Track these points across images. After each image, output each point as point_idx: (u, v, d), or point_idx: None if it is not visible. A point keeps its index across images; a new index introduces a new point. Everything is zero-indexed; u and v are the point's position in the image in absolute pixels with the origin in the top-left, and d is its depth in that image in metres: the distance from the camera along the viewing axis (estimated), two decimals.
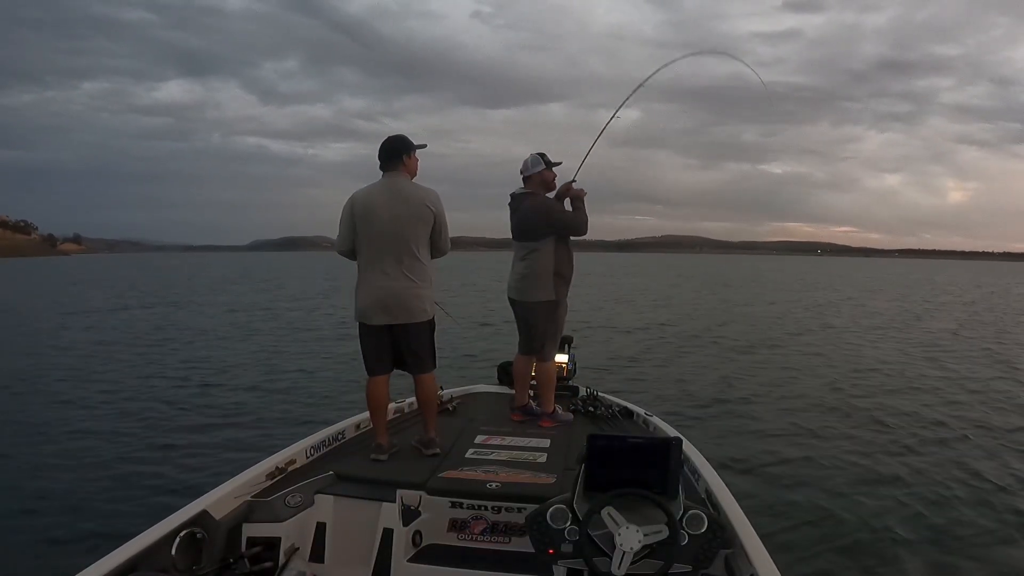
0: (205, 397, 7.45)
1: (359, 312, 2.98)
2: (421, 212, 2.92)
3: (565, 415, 3.60)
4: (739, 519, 2.13)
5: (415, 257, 2.92)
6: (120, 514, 4.00)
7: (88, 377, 8.90)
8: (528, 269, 3.53)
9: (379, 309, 2.91)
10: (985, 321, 15.97)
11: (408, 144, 3.02)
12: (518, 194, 3.64)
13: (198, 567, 2.10)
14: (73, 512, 4.12)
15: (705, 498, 2.44)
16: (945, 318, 16.42)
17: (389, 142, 3.00)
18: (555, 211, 3.56)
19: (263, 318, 16.29)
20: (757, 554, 1.90)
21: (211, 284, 33.91)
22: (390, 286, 2.89)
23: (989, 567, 3.27)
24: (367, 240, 2.93)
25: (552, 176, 3.62)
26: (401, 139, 3.03)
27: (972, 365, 9.37)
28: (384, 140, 3.02)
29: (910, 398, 7.07)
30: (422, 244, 2.95)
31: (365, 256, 2.95)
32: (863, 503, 4.04)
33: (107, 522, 3.90)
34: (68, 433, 6.10)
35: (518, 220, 3.59)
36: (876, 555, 3.39)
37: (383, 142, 3.01)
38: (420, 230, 2.93)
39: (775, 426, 5.82)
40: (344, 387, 7.66)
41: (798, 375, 8.33)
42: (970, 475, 4.53)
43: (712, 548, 1.85)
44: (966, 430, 5.74)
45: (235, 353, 10.68)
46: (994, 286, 36.84)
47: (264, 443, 5.01)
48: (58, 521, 3.98)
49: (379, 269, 2.91)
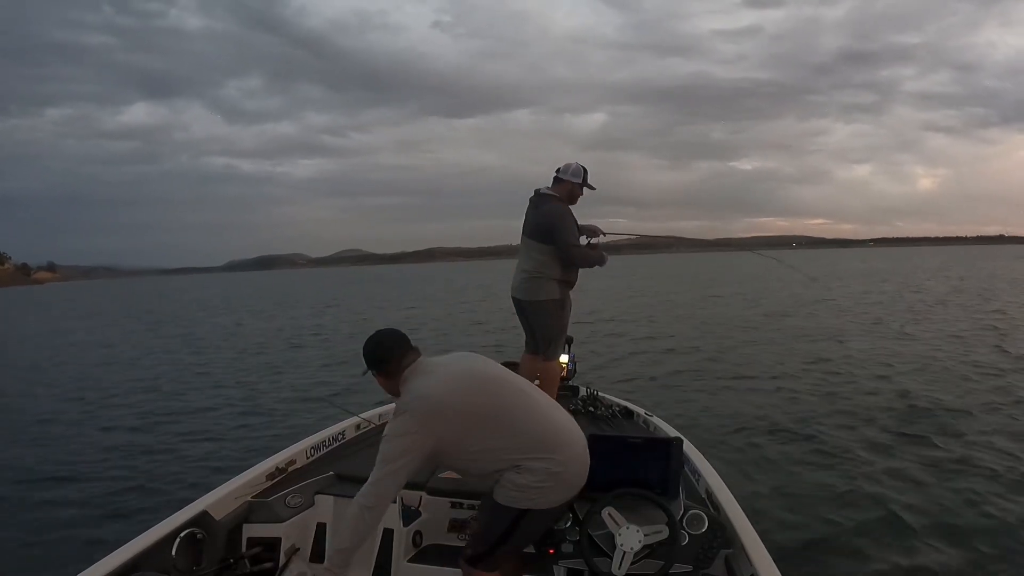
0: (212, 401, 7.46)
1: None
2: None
3: None
4: (739, 519, 2.12)
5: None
6: (120, 514, 4.01)
7: (94, 386, 8.92)
8: (533, 270, 3.49)
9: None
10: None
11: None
12: (544, 193, 3.51)
13: (198, 567, 2.10)
14: (73, 512, 4.13)
15: (705, 498, 2.43)
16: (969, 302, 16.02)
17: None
18: (564, 228, 3.41)
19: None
20: (757, 554, 1.90)
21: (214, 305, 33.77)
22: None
23: (993, 566, 3.27)
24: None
25: (579, 194, 3.52)
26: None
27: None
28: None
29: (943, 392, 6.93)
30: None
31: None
32: (864, 502, 4.03)
33: (107, 522, 3.90)
34: (68, 433, 6.11)
35: (535, 218, 3.49)
36: (876, 555, 3.39)
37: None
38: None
39: (775, 426, 5.81)
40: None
41: (856, 379, 8.10)
42: (984, 472, 4.47)
43: (712, 548, 1.85)
44: (983, 423, 5.68)
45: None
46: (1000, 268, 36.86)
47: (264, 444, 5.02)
48: (59, 522, 3.98)
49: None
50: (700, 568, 1.83)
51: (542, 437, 1.79)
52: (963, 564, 3.29)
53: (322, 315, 21.45)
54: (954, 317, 13.53)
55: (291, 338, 14.47)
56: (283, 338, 14.54)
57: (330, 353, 11.39)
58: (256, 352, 12.12)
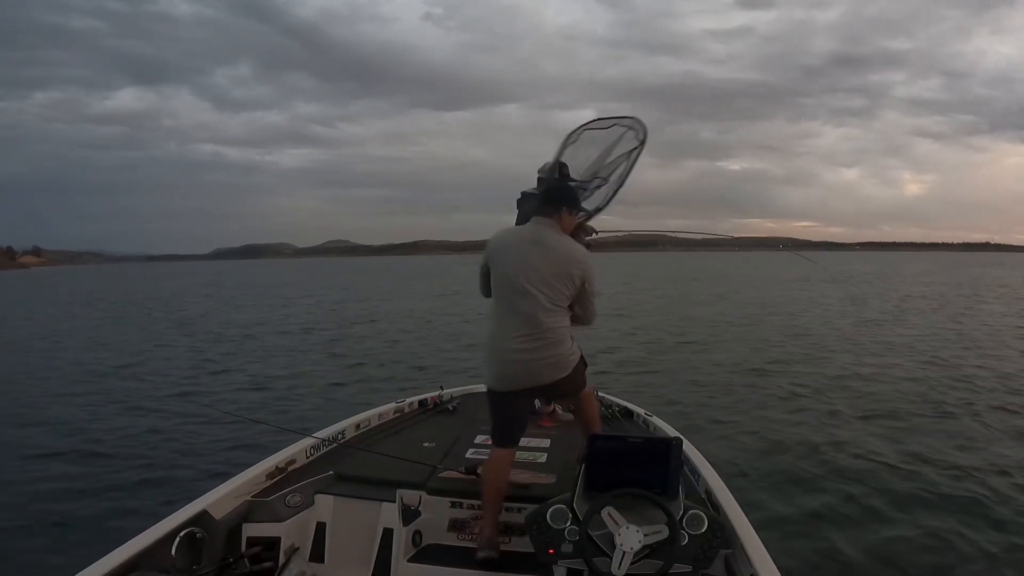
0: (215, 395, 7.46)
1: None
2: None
3: (565, 415, 3.59)
4: (739, 519, 2.13)
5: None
6: (120, 514, 4.01)
7: (90, 377, 8.92)
8: None
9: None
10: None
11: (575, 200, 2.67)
12: (529, 193, 3.58)
13: (198, 567, 2.10)
14: (73, 513, 4.12)
15: (705, 498, 2.44)
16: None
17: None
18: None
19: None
20: (757, 554, 1.90)
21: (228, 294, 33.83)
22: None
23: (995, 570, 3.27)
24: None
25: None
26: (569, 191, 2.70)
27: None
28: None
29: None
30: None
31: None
32: (865, 502, 4.04)
33: (107, 522, 3.90)
34: (68, 433, 6.11)
35: (522, 217, 3.55)
36: (876, 555, 3.39)
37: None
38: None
39: (776, 425, 5.82)
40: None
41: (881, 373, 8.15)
42: (992, 471, 4.48)
43: (712, 548, 1.85)
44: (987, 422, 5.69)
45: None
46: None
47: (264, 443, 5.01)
48: (58, 521, 3.98)
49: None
50: (700, 568, 1.83)
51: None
52: (966, 564, 3.30)
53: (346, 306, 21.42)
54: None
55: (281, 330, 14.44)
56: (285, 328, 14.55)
57: (332, 353, 11.39)
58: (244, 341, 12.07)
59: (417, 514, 2.45)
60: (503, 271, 2.43)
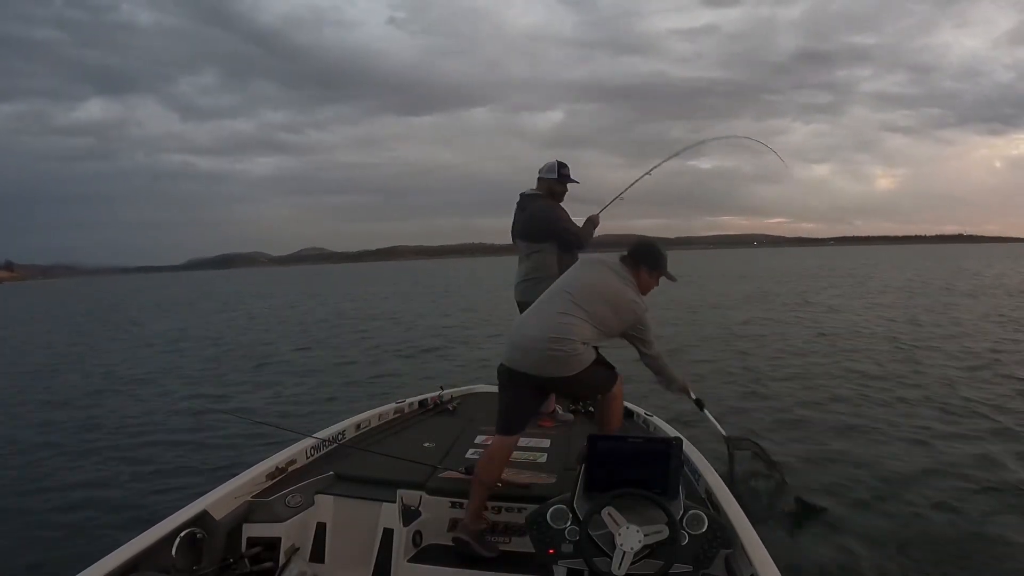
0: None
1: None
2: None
3: (565, 415, 3.60)
4: (739, 519, 2.13)
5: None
6: (120, 514, 4.01)
7: (91, 379, 8.92)
8: (533, 271, 3.53)
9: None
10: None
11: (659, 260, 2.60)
12: (528, 194, 3.64)
13: (198, 567, 2.10)
14: (73, 513, 4.13)
15: (705, 498, 2.44)
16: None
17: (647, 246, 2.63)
18: (561, 220, 3.55)
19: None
20: (757, 554, 1.90)
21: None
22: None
23: (994, 569, 3.26)
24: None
25: (561, 190, 3.62)
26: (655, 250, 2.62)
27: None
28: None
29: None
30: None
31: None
32: (865, 502, 4.03)
33: (107, 523, 3.90)
34: (68, 434, 6.11)
35: (525, 219, 3.59)
36: (877, 554, 3.39)
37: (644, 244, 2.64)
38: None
39: (776, 425, 5.81)
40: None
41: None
42: (996, 469, 4.46)
43: (712, 548, 1.85)
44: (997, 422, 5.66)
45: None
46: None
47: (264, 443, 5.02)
48: (58, 522, 3.98)
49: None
50: (700, 568, 1.83)
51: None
52: (967, 564, 3.29)
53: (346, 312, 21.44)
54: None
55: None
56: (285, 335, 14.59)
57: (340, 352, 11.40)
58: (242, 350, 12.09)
59: (417, 514, 2.45)
60: (567, 276, 2.65)
